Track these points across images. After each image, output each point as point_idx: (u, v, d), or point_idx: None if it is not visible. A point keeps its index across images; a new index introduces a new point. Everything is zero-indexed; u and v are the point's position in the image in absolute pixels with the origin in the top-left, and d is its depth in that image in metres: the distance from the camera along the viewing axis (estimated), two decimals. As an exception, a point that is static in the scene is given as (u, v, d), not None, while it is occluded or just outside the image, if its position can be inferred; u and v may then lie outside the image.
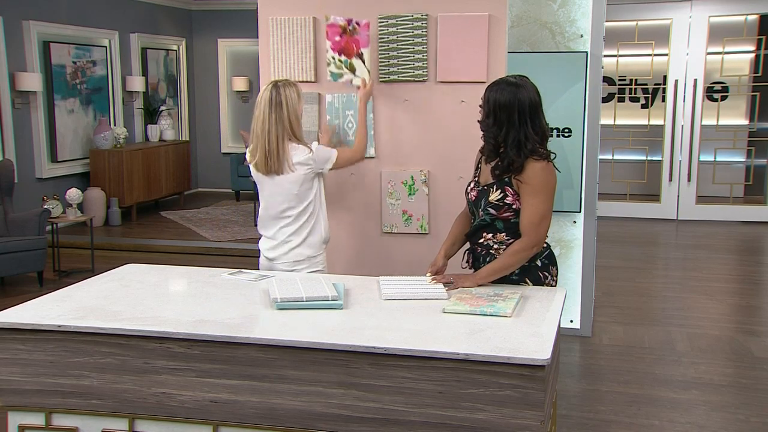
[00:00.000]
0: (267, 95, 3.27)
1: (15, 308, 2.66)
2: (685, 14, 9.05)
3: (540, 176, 2.88)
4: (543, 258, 3.02)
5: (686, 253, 7.79)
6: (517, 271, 2.96)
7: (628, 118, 9.74)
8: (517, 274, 2.99)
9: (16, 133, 8.06)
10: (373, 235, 3.84)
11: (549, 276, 3.03)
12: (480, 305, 2.61)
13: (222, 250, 7.56)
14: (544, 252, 3.02)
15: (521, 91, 2.88)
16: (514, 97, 2.87)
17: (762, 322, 5.51)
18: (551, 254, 3.07)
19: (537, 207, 2.88)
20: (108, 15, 9.56)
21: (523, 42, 4.83)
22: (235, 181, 10.64)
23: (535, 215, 2.88)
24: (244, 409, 2.42)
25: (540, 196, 2.89)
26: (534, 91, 2.93)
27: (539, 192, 2.89)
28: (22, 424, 2.60)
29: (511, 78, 2.96)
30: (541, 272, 3.01)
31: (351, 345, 2.29)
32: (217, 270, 3.18)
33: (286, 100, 3.25)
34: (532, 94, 2.91)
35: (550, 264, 3.04)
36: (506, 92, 2.89)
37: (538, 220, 2.89)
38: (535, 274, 3.00)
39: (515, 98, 2.87)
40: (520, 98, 2.87)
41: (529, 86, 2.93)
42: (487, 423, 2.23)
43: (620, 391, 4.13)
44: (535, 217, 2.89)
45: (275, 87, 3.28)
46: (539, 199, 2.88)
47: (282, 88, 3.27)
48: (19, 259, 6.07)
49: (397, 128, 3.76)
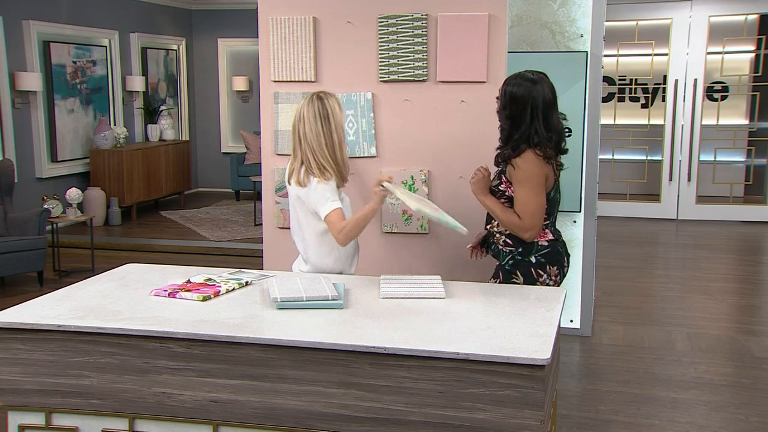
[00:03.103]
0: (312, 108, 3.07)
1: (15, 308, 2.65)
2: (685, 14, 9.05)
3: (521, 166, 2.97)
4: (539, 255, 3.03)
5: (686, 253, 7.79)
6: (510, 261, 3.07)
7: (628, 117, 9.74)
8: (510, 265, 3.08)
9: (16, 132, 8.06)
10: (373, 235, 3.84)
11: (545, 275, 3.03)
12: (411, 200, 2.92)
13: (222, 250, 7.56)
14: (541, 249, 3.03)
15: (537, 87, 2.98)
16: (528, 92, 2.96)
17: (762, 321, 5.51)
18: (553, 254, 3.07)
19: (521, 197, 2.98)
20: (108, 15, 9.56)
21: (523, 42, 4.83)
22: (235, 181, 10.64)
23: (519, 204, 2.99)
24: (244, 409, 2.42)
25: (524, 186, 2.98)
26: (549, 88, 3.01)
27: (522, 182, 2.98)
28: (22, 423, 2.60)
29: (529, 73, 3.03)
30: (534, 269, 3.03)
31: (351, 345, 2.29)
32: (217, 270, 3.18)
33: (332, 112, 3.07)
34: (547, 92, 2.99)
35: (549, 263, 3.05)
36: (522, 87, 2.98)
37: (525, 209, 2.97)
38: (526, 268, 3.03)
39: (530, 94, 2.96)
40: (534, 94, 2.96)
41: (546, 83, 3.01)
42: (487, 423, 2.23)
43: (620, 391, 4.13)
44: (520, 206, 2.99)
45: (319, 99, 3.08)
46: (524, 189, 2.97)
47: (326, 99, 3.08)
48: (19, 258, 6.07)
49: (397, 128, 3.76)
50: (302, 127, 3.07)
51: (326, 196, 3.03)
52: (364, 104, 3.76)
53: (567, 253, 3.18)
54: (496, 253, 3.18)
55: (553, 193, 3.09)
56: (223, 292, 2.82)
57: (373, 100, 3.75)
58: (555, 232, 3.14)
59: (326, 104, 3.06)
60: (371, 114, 3.76)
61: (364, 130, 3.78)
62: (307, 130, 3.05)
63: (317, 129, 3.04)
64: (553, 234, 3.12)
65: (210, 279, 2.96)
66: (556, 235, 3.13)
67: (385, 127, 3.78)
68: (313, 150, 3.05)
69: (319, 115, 3.04)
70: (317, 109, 3.05)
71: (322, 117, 3.04)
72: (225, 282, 2.92)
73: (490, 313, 2.59)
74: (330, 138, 3.05)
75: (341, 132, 3.09)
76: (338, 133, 3.07)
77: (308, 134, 3.05)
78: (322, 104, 3.06)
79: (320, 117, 3.04)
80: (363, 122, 3.77)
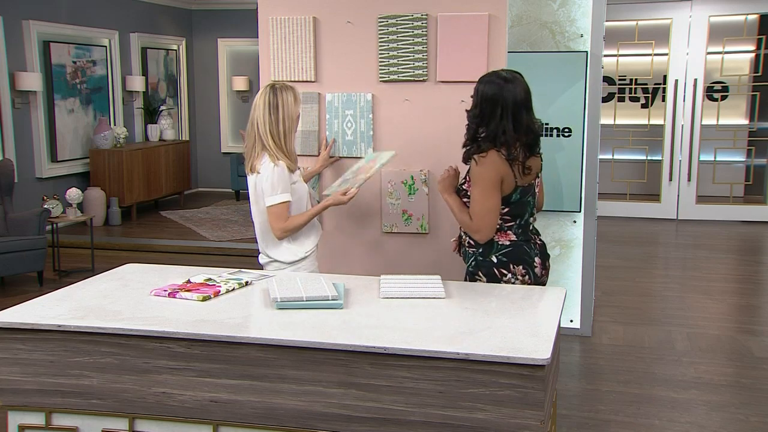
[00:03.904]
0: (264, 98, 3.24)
1: (15, 308, 2.66)
2: (685, 14, 9.05)
3: (478, 166, 2.96)
4: (500, 255, 3.02)
5: (686, 253, 7.79)
6: (473, 262, 3.08)
7: (628, 117, 9.74)
8: (472, 266, 3.09)
9: (16, 132, 8.07)
10: (373, 235, 3.84)
11: (510, 274, 3.01)
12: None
13: (222, 250, 7.57)
14: (502, 249, 3.02)
15: (508, 86, 2.94)
16: (500, 90, 2.94)
17: (762, 321, 5.51)
18: (516, 253, 3.03)
19: (473, 197, 3.00)
20: (108, 15, 9.56)
21: (523, 42, 4.83)
22: (235, 180, 10.65)
23: (471, 204, 3.01)
24: (244, 409, 2.42)
25: (476, 186, 2.98)
26: (522, 88, 2.96)
27: (476, 182, 2.98)
28: (22, 423, 2.60)
29: (503, 72, 3.01)
30: (497, 269, 3.02)
31: (351, 345, 2.29)
32: (217, 270, 3.18)
33: (283, 103, 3.23)
34: (518, 91, 2.95)
35: (512, 262, 3.02)
36: (493, 85, 2.96)
37: (474, 209, 2.99)
38: (488, 269, 3.03)
39: (501, 92, 2.94)
40: (505, 93, 2.93)
41: (519, 83, 2.97)
42: (487, 423, 2.23)
43: (620, 391, 4.13)
44: (471, 206, 3.00)
45: (272, 89, 3.25)
46: (476, 190, 2.98)
47: (280, 91, 3.25)
48: (19, 258, 6.07)
49: (397, 128, 3.76)
50: (253, 114, 3.25)
51: (276, 186, 3.20)
52: (363, 105, 3.76)
53: (540, 254, 3.10)
54: (465, 255, 3.18)
55: (519, 196, 3.01)
56: (223, 292, 2.82)
57: (372, 100, 3.75)
58: (522, 234, 3.06)
59: (278, 95, 3.22)
60: (370, 115, 3.76)
61: (362, 131, 3.78)
62: (257, 117, 3.24)
63: (266, 117, 3.22)
64: (519, 236, 3.05)
65: (210, 279, 2.96)
66: (522, 237, 3.05)
67: (385, 126, 3.78)
68: (263, 137, 3.22)
69: (269, 104, 3.21)
70: (268, 99, 3.22)
71: (272, 106, 3.21)
72: (225, 282, 2.92)
73: (490, 313, 2.59)
74: (276, 127, 3.22)
75: (290, 123, 3.24)
76: (286, 124, 3.23)
77: (257, 121, 3.23)
78: (275, 95, 3.22)
79: (269, 106, 3.21)
80: (362, 123, 3.77)
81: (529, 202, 3.07)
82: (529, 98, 2.99)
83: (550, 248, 4.89)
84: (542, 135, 3.12)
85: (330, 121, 3.80)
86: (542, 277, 3.10)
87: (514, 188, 2.99)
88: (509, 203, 3.01)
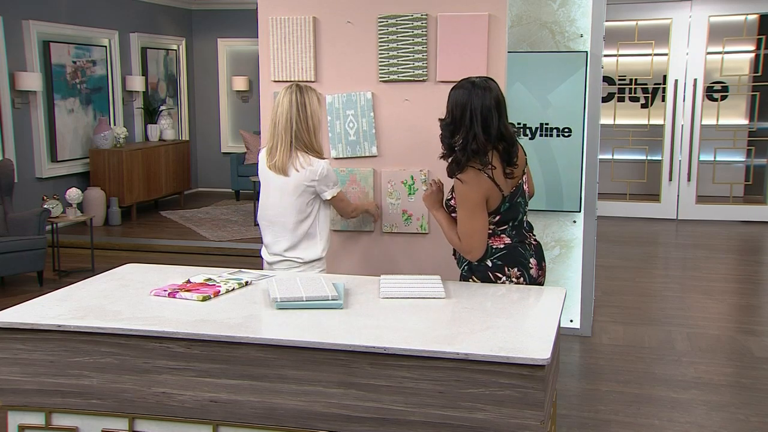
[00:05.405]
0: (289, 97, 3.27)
1: (15, 308, 2.66)
2: (685, 14, 9.05)
3: (460, 187, 2.92)
4: (494, 258, 2.99)
5: (686, 253, 7.79)
6: (466, 266, 3.06)
7: (628, 117, 9.74)
8: (466, 271, 3.07)
9: (16, 132, 8.06)
10: (373, 235, 3.84)
11: (504, 277, 2.98)
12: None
13: (222, 250, 7.56)
14: (496, 252, 2.99)
15: (477, 92, 2.88)
16: (468, 97, 2.89)
17: (762, 321, 5.51)
18: (511, 255, 2.99)
19: (459, 218, 2.97)
20: (108, 14, 9.56)
21: (523, 42, 4.83)
22: (235, 180, 10.64)
23: (458, 224, 2.97)
24: (244, 409, 2.42)
25: (461, 208, 2.95)
26: (492, 95, 2.89)
27: (460, 203, 2.95)
28: (22, 423, 2.60)
29: (475, 78, 2.95)
30: (492, 272, 2.99)
31: (351, 345, 2.29)
32: (217, 270, 3.18)
33: (309, 102, 3.28)
34: (488, 98, 2.88)
35: (507, 265, 2.99)
36: (463, 90, 2.92)
37: (461, 230, 2.96)
38: (483, 273, 3.01)
39: (469, 98, 2.88)
40: (473, 99, 2.87)
41: (491, 89, 2.90)
42: (487, 423, 2.23)
43: (620, 391, 4.13)
44: (458, 227, 2.97)
45: (298, 89, 3.29)
46: (461, 211, 2.95)
47: (305, 90, 3.29)
48: (19, 258, 6.07)
49: (397, 128, 3.76)
50: (277, 111, 3.27)
51: (333, 178, 3.34)
52: (364, 104, 3.76)
53: (535, 254, 3.06)
54: (459, 259, 3.14)
55: (509, 204, 2.96)
56: (223, 292, 2.82)
57: (373, 99, 3.75)
58: (516, 235, 3.02)
59: (304, 94, 3.28)
60: (371, 113, 3.76)
61: (365, 130, 3.78)
62: (283, 114, 3.26)
63: (294, 115, 3.25)
64: (513, 237, 3.01)
65: (210, 279, 2.96)
66: (517, 237, 3.02)
67: (385, 127, 3.78)
68: (298, 134, 3.26)
69: (298, 102, 3.26)
70: (296, 97, 3.26)
71: (300, 105, 3.26)
72: (225, 282, 2.92)
73: (490, 313, 2.60)
74: (306, 124, 3.27)
75: (316, 121, 3.30)
76: (315, 121, 3.29)
77: (284, 118, 3.26)
78: (301, 93, 3.27)
79: (298, 104, 3.26)
80: (363, 122, 3.77)
81: (520, 203, 3.02)
82: (501, 103, 2.92)
83: (550, 248, 4.90)
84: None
85: (332, 122, 3.80)
86: (539, 277, 3.07)
87: (502, 200, 2.94)
88: (499, 212, 2.97)
